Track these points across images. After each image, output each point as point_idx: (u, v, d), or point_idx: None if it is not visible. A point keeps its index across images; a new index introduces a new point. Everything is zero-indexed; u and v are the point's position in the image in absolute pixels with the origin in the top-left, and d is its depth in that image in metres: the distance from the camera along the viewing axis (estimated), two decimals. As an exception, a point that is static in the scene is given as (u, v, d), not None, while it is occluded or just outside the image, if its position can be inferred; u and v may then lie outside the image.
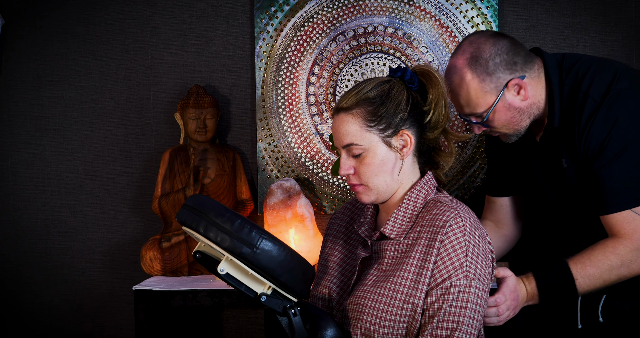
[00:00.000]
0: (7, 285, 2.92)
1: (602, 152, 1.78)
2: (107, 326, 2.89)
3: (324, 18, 2.76)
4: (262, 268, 1.44)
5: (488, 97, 1.82)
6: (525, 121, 1.88)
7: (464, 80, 1.82)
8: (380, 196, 1.63)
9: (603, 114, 1.78)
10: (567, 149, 1.86)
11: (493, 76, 1.80)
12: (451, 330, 1.49)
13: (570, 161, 1.85)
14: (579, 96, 1.82)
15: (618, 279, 1.79)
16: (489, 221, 2.16)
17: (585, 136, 1.80)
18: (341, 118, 1.62)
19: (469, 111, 1.85)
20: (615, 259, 1.77)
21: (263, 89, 2.79)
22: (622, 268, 1.77)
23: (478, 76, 1.80)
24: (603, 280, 1.78)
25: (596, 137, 1.79)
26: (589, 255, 1.79)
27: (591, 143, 1.80)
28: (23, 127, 2.90)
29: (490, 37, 1.84)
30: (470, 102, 1.83)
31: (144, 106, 2.86)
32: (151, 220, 2.86)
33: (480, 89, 1.81)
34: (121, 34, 2.86)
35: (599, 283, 1.78)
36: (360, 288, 1.61)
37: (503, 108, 1.83)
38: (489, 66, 1.80)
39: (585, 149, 1.81)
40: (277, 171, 2.80)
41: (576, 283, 1.77)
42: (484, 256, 1.57)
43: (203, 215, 1.45)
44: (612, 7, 2.65)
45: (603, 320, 1.89)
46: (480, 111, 1.84)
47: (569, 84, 1.85)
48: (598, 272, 1.77)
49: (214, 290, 2.43)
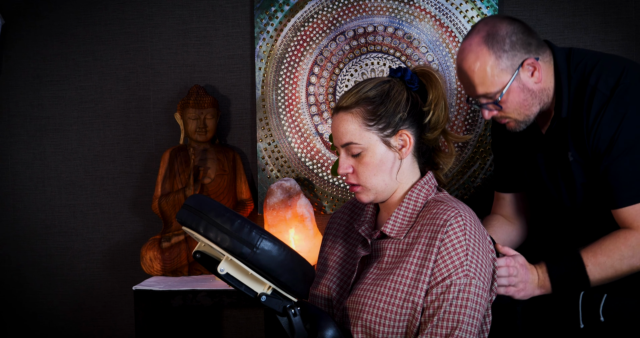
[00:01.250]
0: (7, 285, 2.92)
1: (613, 146, 1.78)
2: (107, 326, 2.89)
3: (324, 18, 2.76)
4: (262, 268, 1.44)
5: (503, 76, 1.81)
6: (535, 107, 1.87)
7: (480, 57, 1.81)
8: (378, 195, 1.63)
9: (612, 108, 1.78)
10: (575, 142, 1.86)
11: (509, 53, 1.80)
12: (451, 329, 1.49)
13: (577, 154, 1.85)
14: (587, 89, 1.82)
15: (630, 269, 1.79)
16: (499, 215, 2.16)
17: (595, 131, 1.80)
18: (341, 117, 1.62)
19: (482, 91, 1.84)
20: (626, 250, 1.77)
21: (263, 89, 2.79)
22: (634, 258, 1.78)
23: (495, 52, 1.80)
24: (615, 269, 1.78)
25: (606, 132, 1.79)
26: (600, 245, 1.79)
27: (601, 137, 1.80)
28: (23, 127, 2.90)
29: (504, 18, 1.85)
30: (486, 80, 1.82)
31: (144, 106, 2.86)
32: (151, 220, 2.86)
33: (496, 66, 1.80)
34: (121, 34, 2.86)
35: (610, 272, 1.78)
36: (360, 287, 1.61)
37: (517, 89, 1.83)
38: (506, 43, 1.80)
39: (595, 144, 1.81)
40: (277, 171, 2.80)
41: (587, 270, 1.78)
42: (484, 256, 1.57)
43: (203, 215, 1.45)
44: (612, 7, 2.65)
45: (604, 319, 1.89)
46: (494, 91, 1.83)
47: (576, 77, 1.85)
48: (609, 261, 1.77)
49: (214, 290, 2.43)
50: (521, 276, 1.77)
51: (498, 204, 2.17)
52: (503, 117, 1.90)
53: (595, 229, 1.88)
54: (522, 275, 1.77)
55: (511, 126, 1.92)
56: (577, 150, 1.85)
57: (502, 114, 1.89)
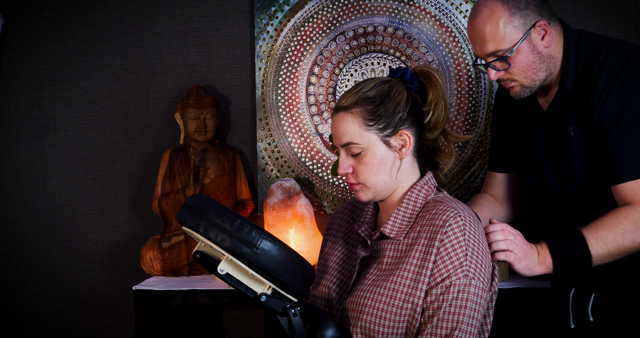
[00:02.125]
0: (7, 285, 2.92)
1: (617, 122, 1.78)
2: (107, 326, 2.89)
3: (324, 18, 2.76)
4: (262, 268, 1.44)
5: (514, 34, 1.82)
6: (542, 72, 1.87)
7: (495, 12, 1.82)
8: (378, 194, 1.64)
9: (620, 84, 1.78)
10: (577, 118, 1.85)
11: (523, 11, 1.82)
12: (451, 329, 1.49)
13: (578, 129, 1.85)
14: (595, 66, 1.83)
15: (632, 245, 1.76)
16: (488, 194, 2.14)
17: (601, 106, 1.80)
18: (340, 117, 1.62)
19: (493, 48, 1.84)
20: (628, 224, 1.75)
21: (263, 89, 2.79)
22: (636, 233, 1.75)
23: (509, 9, 1.81)
24: (617, 244, 1.75)
25: (611, 107, 1.79)
26: (601, 221, 1.77)
27: (606, 113, 1.79)
28: (23, 127, 2.90)
29: None
30: (497, 36, 1.82)
31: (144, 106, 2.86)
32: (151, 220, 2.86)
33: (509, 22, 1.81)
34: (121, 34, 2.86)
35: (612, 246, 1.75)
36: (360, 288, 1.61)
37: (527, 49, 1.84)
38: (521, 1, 1.82)
39: (600, 119, 1.80)
40: (277, 171, 2.80)
41: (588, 244, 1.74)
42: (483, 256, 1.57)
43: (203, 215, 1.45)
44: (612, 7, 2.65)
45: (594, 319, 1.89)
46: (504, 47, 1.83)
47: (585, 54, 1.86)
48: (611, 235, 1.75)
49: (214, 290, 2.43)
50: (520, 245, 1.71)
51: (489, 183, 2.16)
52: (509, 79, 1.89)
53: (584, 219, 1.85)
54: (521, 244, 1.71)
55: (515, 91, 1.91)
56: (579, 126, 1.85)
57: (509, 76, 1.88)
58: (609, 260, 1.77)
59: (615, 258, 1.78)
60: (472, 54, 2.73)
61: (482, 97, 2.73)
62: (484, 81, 2.73)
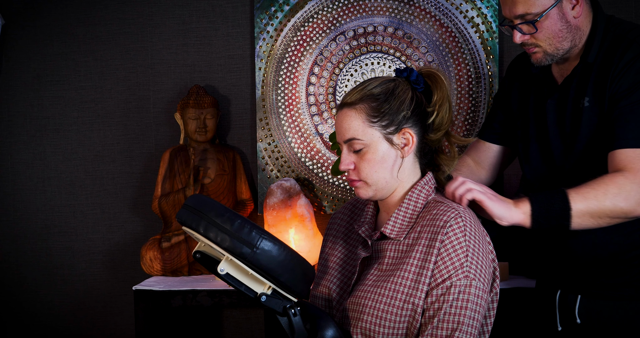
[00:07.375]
0: (7, 285, 2.92)
1: (633, 92, 1.78)
2: (107, 326, 2.89)
3: (324, 18, 2.76)
4: (262, 268, 1.44)
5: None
6: (567, 42, 1.87)
7: None
8: (378, 192, 1.63)
9: None
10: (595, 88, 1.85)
11: None
12: (451, 330, 1.49)
13: (593, 100, 1.85)
14: (623, 42, 1.84)
15: (613, 208, 1.72)
16: (469, 158, 2.11)
17: (621, 77, 1.80)
18: (345, 113, 1.62)
19: (523, 10, 1.84)
20: (613, 186, 1.72)
21: (263, 89, 2.79)
22: (619, 197, 1.72)
23: None
24: (598, 202, 1.71)
25: (632, 78, 1.79)
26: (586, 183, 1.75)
27: (624, 83, 1.79)
28: (23, 127, 2.90)
29: None
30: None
31: (144, 106, 2.86)
32: (151, 220, 2.86)
33: None
34: (121, 34, 2.86)
35: (593, 204, 1.71)
36: (360, 288, 1.61)
37: (556, 16, 1.84)
38: None
39: (617, 88, 1.80)
40: (277, 171, 2.80)
41: (569, 197, 1.71)
42: (484, 257, 1.57)
43: (203, 215, 1.45)
44: (612, 7, 2.65)
45: (580, 321, 1.88)
46: (535, 11, 1.83)
47: (614, 31, 1.88)
48: (593, 192, 1.72)
49: (214, 290, 2.43)
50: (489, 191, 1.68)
51: (475, 148, 2.13)
52: (533, 44, 1.89)
53: None
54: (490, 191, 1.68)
55: (537, 58, 1.90)
56: (595, 96, 1.85)
57: (533, 41, 1.88)
58: (588, 222, 1.74)
59: (595, 221, 1.74)
60: (472, 54, 2.73)
61: (482, 97, 2.73)
62: (484, 81, 2.73)
